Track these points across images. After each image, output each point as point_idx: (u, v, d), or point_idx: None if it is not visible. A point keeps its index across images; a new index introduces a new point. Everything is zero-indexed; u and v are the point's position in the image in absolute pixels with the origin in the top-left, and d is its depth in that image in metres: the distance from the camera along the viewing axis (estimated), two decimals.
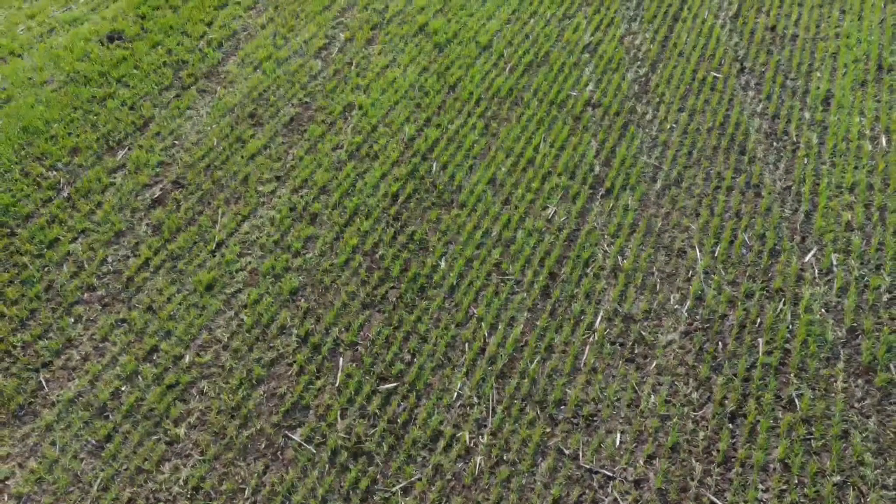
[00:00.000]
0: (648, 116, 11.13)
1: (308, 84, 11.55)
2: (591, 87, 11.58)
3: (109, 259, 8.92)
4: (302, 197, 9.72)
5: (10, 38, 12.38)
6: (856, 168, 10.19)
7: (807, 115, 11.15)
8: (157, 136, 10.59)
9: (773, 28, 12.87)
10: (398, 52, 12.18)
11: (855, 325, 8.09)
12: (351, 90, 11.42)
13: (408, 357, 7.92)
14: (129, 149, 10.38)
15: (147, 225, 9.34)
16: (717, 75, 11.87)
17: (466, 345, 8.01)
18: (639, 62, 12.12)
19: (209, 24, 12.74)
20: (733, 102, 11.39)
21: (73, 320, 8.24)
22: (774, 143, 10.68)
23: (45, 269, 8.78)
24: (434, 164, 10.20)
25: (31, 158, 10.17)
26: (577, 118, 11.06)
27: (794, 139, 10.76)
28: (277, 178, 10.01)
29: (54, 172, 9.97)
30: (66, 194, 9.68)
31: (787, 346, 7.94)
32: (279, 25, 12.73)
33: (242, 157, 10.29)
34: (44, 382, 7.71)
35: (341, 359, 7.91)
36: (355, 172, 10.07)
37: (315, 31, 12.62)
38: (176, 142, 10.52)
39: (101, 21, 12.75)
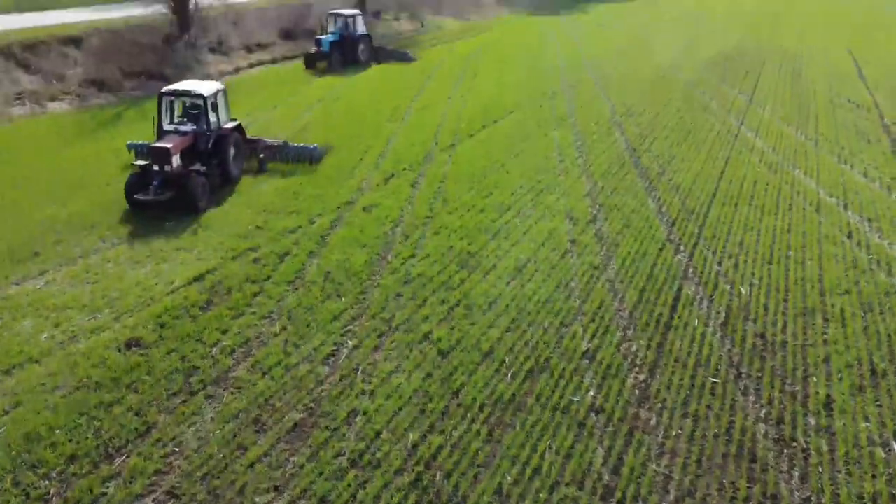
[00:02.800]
0: (653, 422, 11.11)
1: (314, 390, 11.77)
2: (592, 392, 11.76)
3: None
4: None
5: (33, 345, 12.94)
6: (874, 477, 9.88)
7: (811, 420, 11.14)
8: (157, 443, 10.49)
9: (762, 335, 13.46)
10: (403, 359, 12.61)
11: None
12: (356, 396, 11.59)
13: None
14: (128, 456, 10.22)
15: None
16: (716, 381, 12.11)
17: None
18: (637, 368, 12.46)
19: (224, 332, 13.40)
20: (735, 407, 11.46)
21: None
22: (784, 450, 10.50)
23: None
24: (438, 474, 9.93)
25: (26, 466, 9.97)
26: (581, 424, 11.03)
27: (804, 445, 10.60)
28: (276, 487, 9.68)
29: (46, 482, 9.69)
30: None
31: None
32: (291, 333, 13.38)
33: (242, 465, 10.07)
34: None
35: None
36: (357, 482, 9.77)
37: (324, 338, 13.22)
38: (176, 449, 10.40)
39: (123, 329, 13.44)
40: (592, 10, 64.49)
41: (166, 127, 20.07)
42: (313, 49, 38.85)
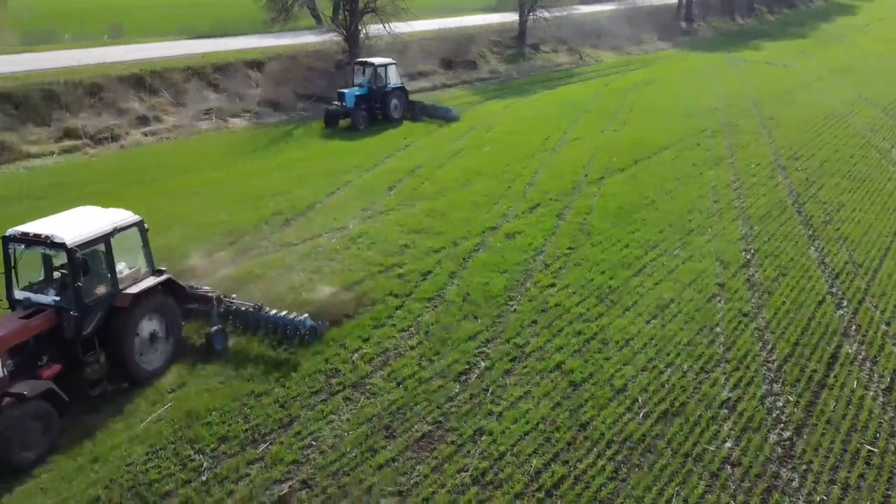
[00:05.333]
0: (795, 484, 10.40)
1: (444, 405, 12.10)
2: (729, 443, 11.20)
3: None
4: None
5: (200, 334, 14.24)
6: None
7: None
8: (297, 435, 11.24)
9: None
10: (533, 385, 12.66)
11: None
12: (484, 416, 11.78)
13: None
14: (271, 444, 11.03)
15: None
16: (873, 449, 11.13)
17: None
18: (782, 424, 11.71)
19: (365, 340, 14.10)
20: (894, 482, 10.46)
21: None
22: None
23: None
24: (560, 503, 9.88)
25: (184, 440, 11.04)
26: (714, 475, 10.54)
27: None
28: (400, 492, 10.06)
29: (200, 456, 10.67)
30: (204, 478, 10.23)
31: None
32: (427, 349, 13.84)
33: (371, 466, 10.57)
34: None
35: None
36: (477, 499, 9.93)
37: (458, 357, 13.56)
38: (313, 442, 11.08)
39: None
40: (762, 47, 61.57)
41: (17, 294, 12.06)
42: (335, 104, 32.53)
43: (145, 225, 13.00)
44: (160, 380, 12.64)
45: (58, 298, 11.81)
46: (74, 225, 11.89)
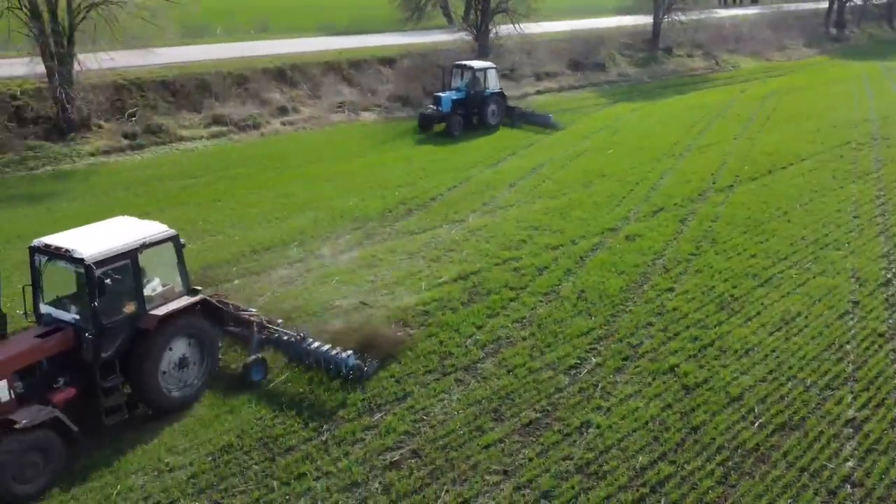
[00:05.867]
0: None
1: (553, 395, 12.27)
2: (851, 463, 10.69)
3: (339, 502, 9.67)
4: (523, 496, 9.89)
5: (326, 306, 15.12)
6: None
7: None
8: (410, 409, 11.80)
9: None
10: (644, 385, 12.57)
11: None
12: (592, 409, 11.86)
13: None
14: (385, 414, 11.65)
15: (380, 483, 10.09)
16: None
17: None
18: None
19: (479, 328, 14.50)
20: None
21: None
22: None
23: (287, 497, 9.76)
24: (664, 500, 9.83)
25: (306, 403, 11.87)
26: (831, 492, 10.11)
27: None
28: (505, 471, 10.37)
29: (321, 418, 11.44)
30: (324, 438, 10.98)
31: None
32: (538, 340, 14.05)
33: (478, 445, 10.93)
34: None
35: None
36: (580, 487, 10.07)
37: (570, 350, 13.67)
38: (425, 417, 11.60)
39: (395, 309, 15.15)
40: None
41: (42, 309, 11.34)
42: (430, 108, 31.56)
43: (181, 240, 11.78)
44: None
45: (78, 317, 10.81)
46: (98, 239, 10.91)
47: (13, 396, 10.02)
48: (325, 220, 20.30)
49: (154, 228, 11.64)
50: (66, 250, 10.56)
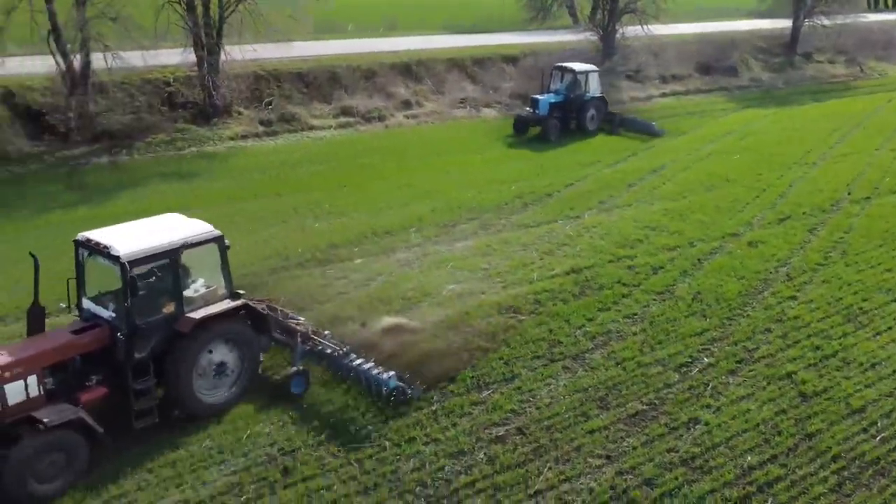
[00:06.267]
0: None
1: (661, 390, 12.24)
2: None
3: (445, 468, 10.18)
4: (625, 480, 10.02)
5: (436, 291, 15.70)
6: None
7: None
8: (517, 390, 12.15)
9: None
10: (758, 389, 12.30)
11: None
12: (701, 407, 11.75)
13: None
14: (493, 392, 12.06)
15: (485, 454, 10.51)
16: None
17: None
18: None
19: (589, 320, 14.62)
20: None
21: None
22: None
23: (397, 456, 10.40)
24: (771, 500, 9.66)
25: (417, 375, 12.47)
26: None
27: None
28: (608, 457, 10.51)
29: (432, 392, 11.99)
30: (434, 408, 11.54)
31: None
32: (649, 336, 14.00)
33: (582, 429, 11.13)
34: None
35: None
36: (684, 478, 10.06)
37: (681, 349, 13.54)
38: (531, 399, 11.91)
39: (506, 296, 15.55)
40: None
41: (84, 303, 11.21)
42: (526, 110, 30.85)
43: (226, 241, 11.34)
44: None
45: (114, 315, 10.59)
46: (139, 236, 10.66)
47: (42, 392, 9.77)
48: (442, 210, 20.96)
49: (198, 228, 11.23)
50: (105, 246, 10.32)
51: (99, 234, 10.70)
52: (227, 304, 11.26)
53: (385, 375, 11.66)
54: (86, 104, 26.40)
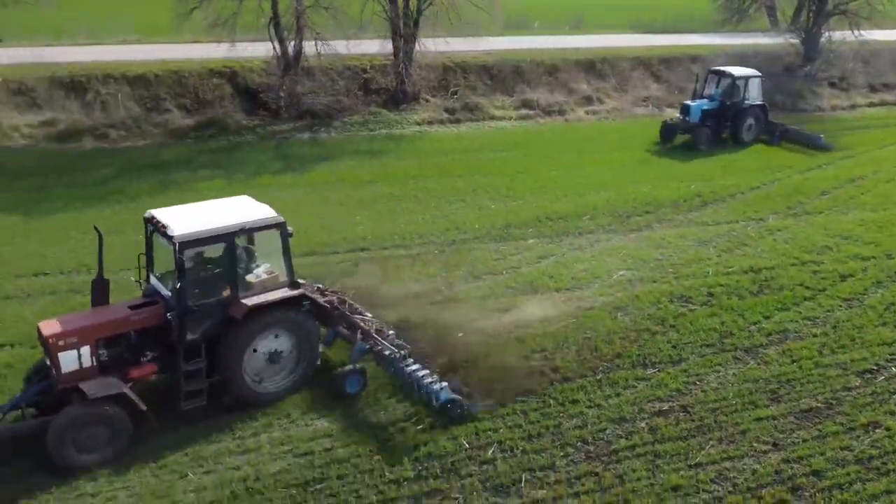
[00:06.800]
0: None
1: (838, 391, 11.78)
2: None
3: (606, 431, 10.58)
4: (791, 468, 9.87)
5: (606, 276, 15.98)
6: None
7: None
8: (683, 372, 12.21)
9: None
10: None
11: None
12: (883, 413, 11.18)
13: None
14: (658, 371, 12.22)
15: (646, 424, 10.77)
16: None
17: None
18: None
19: (766, 318, 14.24)
20: None
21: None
22: None
23: (561, 414, 10.98)
24: None
25: (589, 350, 12.92)
26: None
27: None
28: (775, 444, 10.37)
29: (598, 362, 12.40)
30: (598, 378, 11.94)
31: None
32: (831, 340, 13.41)
33: (749, 416, 11.02)
34: None
35: None
36: (857, 476, 9.72)
37: (867, 356, 12.87)
38: (697, 382, 11.94)
39: (678, 286, 15.51)
40: None
41: (151, 279, 11.36)
42: (675, 117, 28.51)
43: (288, 228, 11.02)
44: None
45: (170, 294, 10.53)
46: (198, 218, 10.61)
47: (95, 363, 9.97)
48: (617, 201, 21.06)
49: (261, 213, 11.03)
50: (163, 225, 10.34)
51: (163, 213, 10.75)
52: (283, 293, 10.93)
53: (437, 386, 10.75)
54: (295, 86, 29.31)
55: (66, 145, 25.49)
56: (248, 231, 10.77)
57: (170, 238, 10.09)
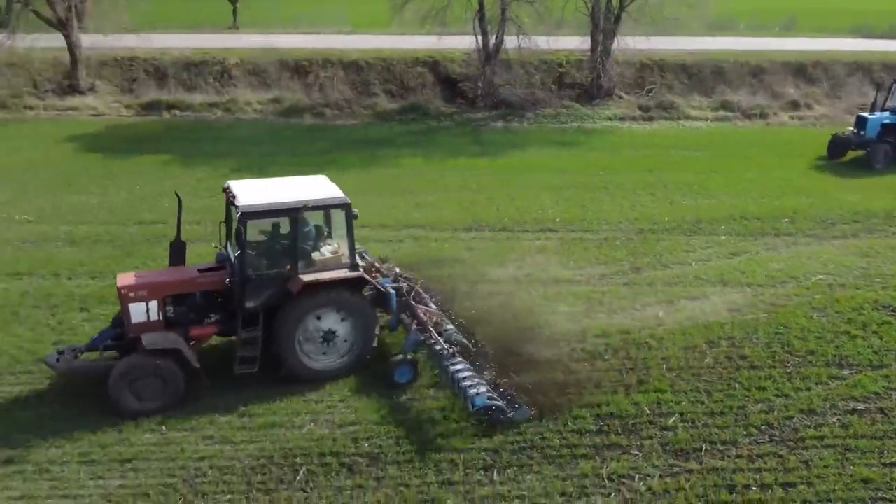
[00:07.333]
0: None
1: None
2: None
3: (794, 419, 10.47)
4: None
5: (803, 278, 15.36)
6: None
7: None
8: (885, 378, 11.57)
9: None
10: None
11: None
12: None
13: None
14: (856, 372, 11.74)
15: (838, 419, 10.43)
16: None
17: None
18: None
19: None
20: None
21: None
22: None
23: (746, 398, 10.97)
24: None
25: (780, 345, 12.69)
26: None
27: None
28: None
29: (789, 356, 12.16)
30: (788, 370, 11.73)
31: None
32: None
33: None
34: None
35: None
36: None
37: None
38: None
39: (884, 295, 14.59)
40: None
41: (228, 246, 11.62)
42: (849, 130, 25.17)
43: (354, 210, 11.00)
44: None
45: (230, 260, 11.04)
46: (267, 192, 11.05)
47: (161, 318, 10.60)
48: (821, 206, 20.01)
49: (329, 192, 11.21)
50: (233, 195, 10.86)
51: (237, 184, 11.26)
52: (340, 273, 11.04)
53: (473, 391, 10.12)
54: (493, 77, 30.61)
55: (290, 120, 28.77)
56: (311, 208, 10.86)
57: (236, 208, 10.62)
